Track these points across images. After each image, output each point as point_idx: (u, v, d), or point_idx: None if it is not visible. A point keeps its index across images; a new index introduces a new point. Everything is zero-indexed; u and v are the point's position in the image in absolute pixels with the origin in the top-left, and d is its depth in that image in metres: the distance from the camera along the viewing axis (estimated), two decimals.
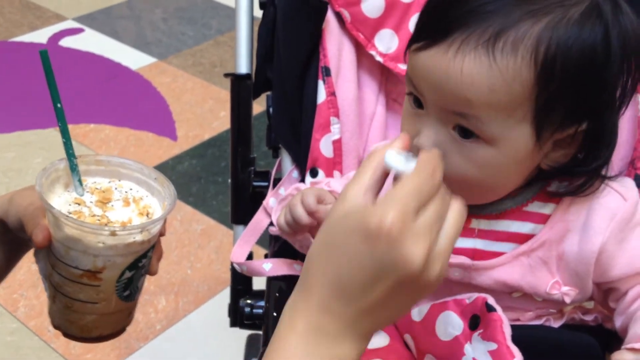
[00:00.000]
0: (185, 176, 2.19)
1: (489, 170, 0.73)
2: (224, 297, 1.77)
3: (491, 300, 0.78)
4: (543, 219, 0.80)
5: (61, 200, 0.76)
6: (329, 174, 1.00)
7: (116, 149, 2.29)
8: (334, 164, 1.00)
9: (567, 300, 0.81)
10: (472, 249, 0.82)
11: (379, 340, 0.86)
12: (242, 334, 1.34)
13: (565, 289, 0.81)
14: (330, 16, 1.01)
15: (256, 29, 1.11)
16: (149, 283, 1.81)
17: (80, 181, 0.76)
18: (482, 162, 0.72)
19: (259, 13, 1.11)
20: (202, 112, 2.49)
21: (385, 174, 0.63)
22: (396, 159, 0.62)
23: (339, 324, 0.60)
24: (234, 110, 1.13)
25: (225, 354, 1.66)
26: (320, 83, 1.00)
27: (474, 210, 0.81)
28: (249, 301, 1.13)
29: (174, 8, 3.18)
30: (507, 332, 0.76)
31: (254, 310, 1.11)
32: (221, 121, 2.44)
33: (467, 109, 0.70)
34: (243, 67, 1.13)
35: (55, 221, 0.72)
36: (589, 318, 0.87)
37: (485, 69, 0.68)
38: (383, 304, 0.60)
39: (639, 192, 0.83)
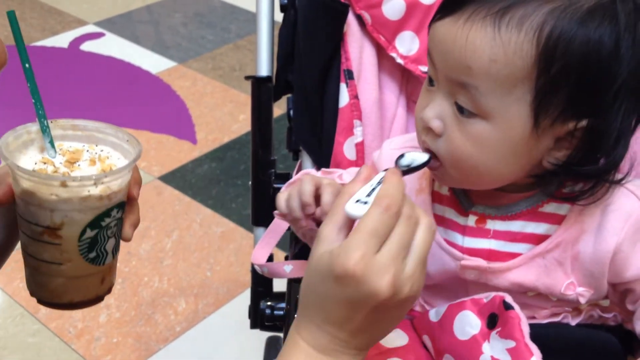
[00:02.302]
0: (205, 179, 2.20)
1: (484, 148, 0.74)
2: (244, 299, 1.78)
3: (509, 299, 0.78)
4: (558, 220, 0.80)
5: (30, 160, 0.75)
6: None
7: None
8: (357, 167, 1.00)
9: (582, 300, 0.81)
10: (488, 250, 0.82)
11: (398, 340, 0.86)
12: (262, 336, 1.34)
13: (580, 289, 0.81)
14: (351, 19, 1.01)
15: (277, 32, 1.12)
16: (168, 285, 1.82)
17: (52, 142, 0.75)
18: (477, 137, 0.74)
19: (279, 17, 1.12)
20: (222, 116, 2.50)
21: None
22: (354, 207, 0.67)
23: (337, 343, 0.68)
24: (255, 112, 1.14)
25: (244, 355, 1.67)
26: (343, 86, 1.01)
27: (489, 211, 0.82)
28: (269, 303, 1.14)
29: (193, 12, 3.20)
30: (526, 329, 0.76)
31: (275, 312, 1.12)
32: (240, 124, 2.45)
33: (468, 77, 0.72)
34: (264, 69, 1.14)
35: (13, 175, 0.72)
36: (608, 316, 0.87)
37: (489, 39, 0.71)
38: (369, 326, 0.68)
39: None
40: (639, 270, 0.79)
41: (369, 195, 0.68)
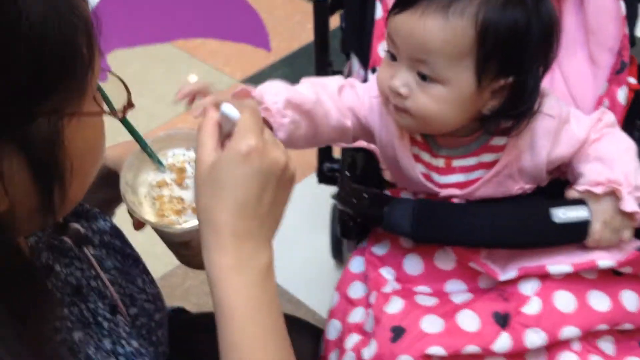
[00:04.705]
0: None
1: (442, 105, 0.95)
2: (312, 178, 2.12)
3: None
4: (501, 149, 1.03)
5: (148, 181, 0.87)
6: None
7: (221, 58, 2.60)
8: None
9: (529, 191, 1.07)
10: (456, 183, 1.06)
11: (448, 264, 1.10)
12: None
13: (527, 186, 1.06)
14: None
15: None
16: None
17: (160, 162, 0.87)
18: (437, 97, 0.94)
19: None
20: (292, 25, 2.72)
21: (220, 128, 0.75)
22: (231, 109, 0.73)
23: (253, 239, 0.71)
24: (317, 26, 1.42)
25: (317, 223, 1.99)
26: (378, 3, 1.25)
27: (453, 153, 1.05)
28: (328, 164, 1.53)
29: None
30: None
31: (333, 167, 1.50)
32: (308, 33, 2.49)
33: (427, 55, 0.93)
34: None
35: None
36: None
37: (441, 26, 0.92)
38: (274, 204, 0.73)
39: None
40: (566, 154, 1.03)
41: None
